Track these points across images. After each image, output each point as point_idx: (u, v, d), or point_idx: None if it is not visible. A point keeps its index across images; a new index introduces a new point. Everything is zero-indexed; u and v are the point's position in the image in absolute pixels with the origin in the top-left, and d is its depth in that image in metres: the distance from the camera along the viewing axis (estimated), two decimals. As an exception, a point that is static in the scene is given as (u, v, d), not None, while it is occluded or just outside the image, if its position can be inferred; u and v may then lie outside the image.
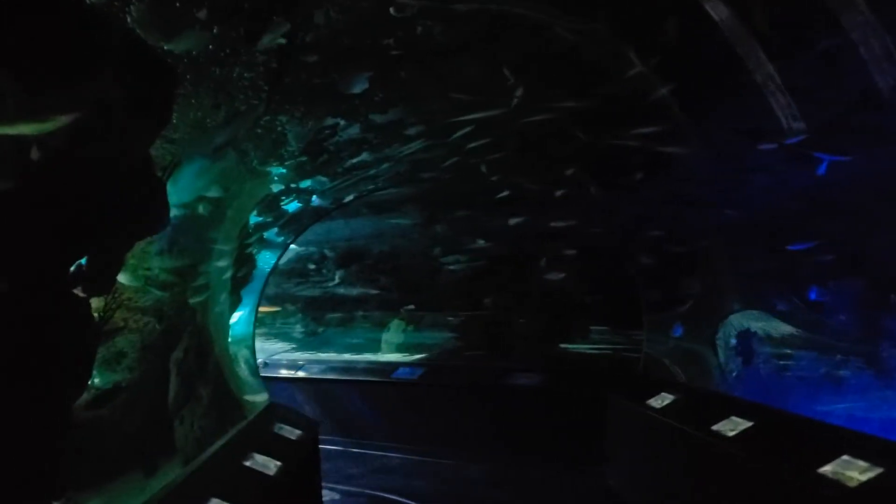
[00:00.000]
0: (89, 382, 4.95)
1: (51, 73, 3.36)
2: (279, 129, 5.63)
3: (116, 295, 4.61)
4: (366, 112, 6.10)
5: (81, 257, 3.88)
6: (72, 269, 3.92)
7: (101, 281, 4.20)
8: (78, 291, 3.99)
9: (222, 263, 6.69)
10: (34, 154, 3.23)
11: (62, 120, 3.28)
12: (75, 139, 3.43)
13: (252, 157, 5.89)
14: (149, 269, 5.24)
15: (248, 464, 5.75)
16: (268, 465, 5.85)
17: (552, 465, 9.57)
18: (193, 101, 4.45)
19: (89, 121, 3.44)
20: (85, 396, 5.05)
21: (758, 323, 8.66)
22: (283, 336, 15.23)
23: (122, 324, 4.99)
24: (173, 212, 5.19)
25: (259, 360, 12.29)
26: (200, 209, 5.64)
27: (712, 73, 5.72)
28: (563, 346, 12.50)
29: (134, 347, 5.30)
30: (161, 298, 5.51)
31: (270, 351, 14.16)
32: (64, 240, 3.67)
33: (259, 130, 5.45)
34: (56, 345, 3.75)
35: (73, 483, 4.43)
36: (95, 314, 4.31)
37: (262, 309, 15.30)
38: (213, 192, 5.63)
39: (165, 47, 3.92)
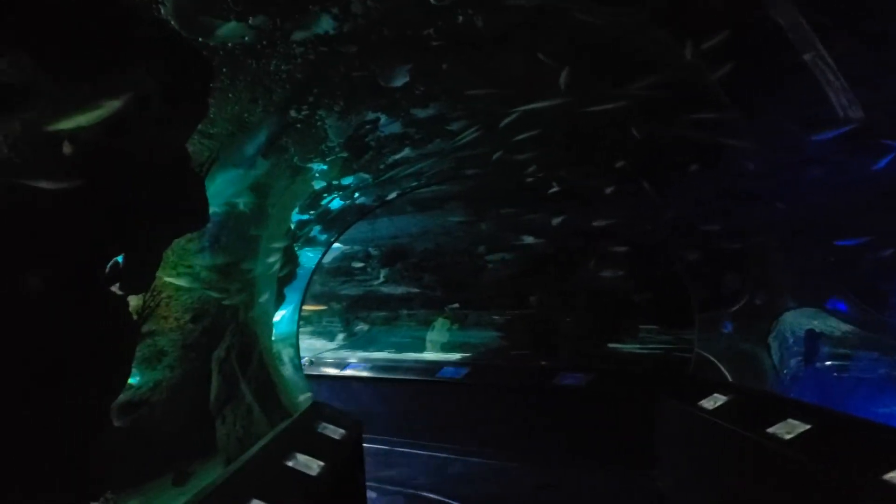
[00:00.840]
0: (129, 382, 4.94)
1: (84, 65, 3.30)
2: (318, 123, 5.52)
3: (155, 293, 4.57)
4: (407, 106, 5.96)
5: (118, 255, 3.83)
6: (108, 266, 3.87)
7: (139, 279, 4.14)
8: (115, 289, 3.94)
9: (265, 261, 6.63)
10: (66, 149, 3.16)
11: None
12: (109, 132, 3.36)
13: (292, 154, 5.80)
14: (190, 266, 5.20)
15: (290, 464, 5.66)
16: (310, 465, 5.75)
17: (600, 468, 9.32)
18: (231, 94, 4.37)
19: (123, 114, 3.37)
20: (125, 396, 5.04)
21: (814, 321, 8.34)
22: (328, 334, 15.26)
23: (161, 322, 4.96)
24: (214, 209, 5.15)
25: (304, 358, 12.36)
26: (241, 206, 5.58)
27: (764, 61, 5.44)
28: (610, 345, 12.23)
29: (175, 346, 5.27)
30: (202, 296, 5.47)
31: (316, 349, 14.20)
32: (99, 236, 3.61)
33: (298, 125, 5.35)
34: (92, 344, 3.70)
35: (112, 483, 4.41)
36: (133, 313, 4.27)
37: (307, 307, 15.47)
38: (246, 197, 5.57)
39: (200, 39, 3.84)
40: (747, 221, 8.60)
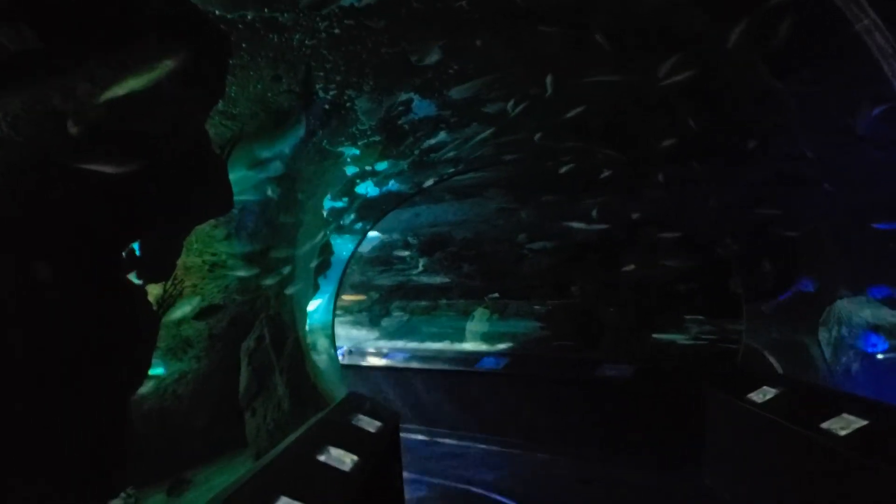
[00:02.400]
0: (153, 372, 4.80)
1: (92, 41, 3.12)
2: (348, 104, 5.28)
3: (177, 282, 4.39)
4: (440, 86, 5.67)
5: (133, 241, 3.66)
6: (124, 255, 3.70)
7: (158, 267, 3.97)
8: (132, 278, 3.78)
9: (297, 249, 6.43)
10: (71, 128, 2.98)
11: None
12: (119, 112, 3.17)
13: (320, 137, 5.57)
14: (215, 254, 5.02)
15: (322, 458, 5.46)
16: (343, 459, 5.55)
17: (644, 462, 8.98)
18: (252, 72, 4.14)
19: (135, 91, 3.18)
20: (149, 387, 4.91)
21: (866, 311, 7.91)
22: (367, 324, 15.21)
23: (186, 311, 4.80)
24: (241, 195, 4.96)
25: (344, 348, 12.29)
26: (269, 192, 5.37)
27: (813, 35, 5.06)
28: (655, 336, 11.85)
29: (201, 336, 5.11)
30: (230, 285, 5.30)
31: (356, 338, 14.12)
32: (113, 222, 3.43)
33: (326, 106, 5.11)
34: (108, 334, 3.53)
35: (134, 477, 4.27)
36: (153, 302, 4.11)
37: (346, 297, 15.42)
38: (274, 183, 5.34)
39: (217, 12, 3.62)
40: (801, 208, 8.20)
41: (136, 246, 3.69)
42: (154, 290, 4.19)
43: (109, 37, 3.14)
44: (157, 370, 4.93)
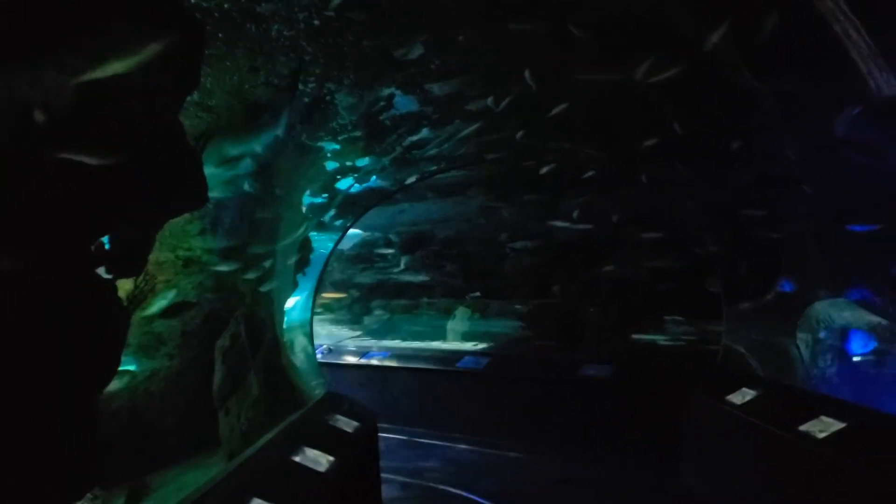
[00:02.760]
0: (124, 369, 4.67)
1: (63, 24, 3.01)
2: (327, 98, 5.16)
3: (148, 277, 4.26)
4: (422, 81, 5.58)
5: (102, 234, 3.54)
6: (93, 249, 3.57)
7: (130, 261, 3.85)
8: (102, 273, 3.65)
9: (274, 245, 6.31)
10: (38, 117, 2.86)
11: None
12: (89, 101, 3.05)
13: (299, 131, 5.45)
14: (189, 249, 4.90)
15: (297, 459, 5.36)
16: (319, 460, 5.46)
17: (624, 462, 9.04)
18: (228, 62, 4.03)
19: (104, 80, 3.06)
20: (119, 384, 4.78)
21: (845, 313, 7.93)
22: (347, 322, 15.14)
23: (158, 308, 4.68)
24: (216, 190, 4.84)
25: (323, 346, 12.19)
26: (246, 187, 5.25)
27: (794, 36, 5.02)
28: (635, 336, 11.87)
29: (174, 333, 4.98)
30: (204, 281, 5.17)
31: (336, 337, 14.03)
32: (82, 214, 3.31)
33: (306, 100, 5.00)
34: (75, 331, 3.41)
35: (102, 478, 4.14)
36: (124, 298, 3.98)
37: (327, 295, 15.31)
38: (251, 178, 5.21)
39: (192, 0, 3.50)
40: (782, 209, 8.18)
41: (105, 240, 3.56)
42: (125, 286, 4.06)
43: (80, 23, 3.03)
44: (130, 365, 4.81)
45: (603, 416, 9.72)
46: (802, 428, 6.14)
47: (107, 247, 3.67)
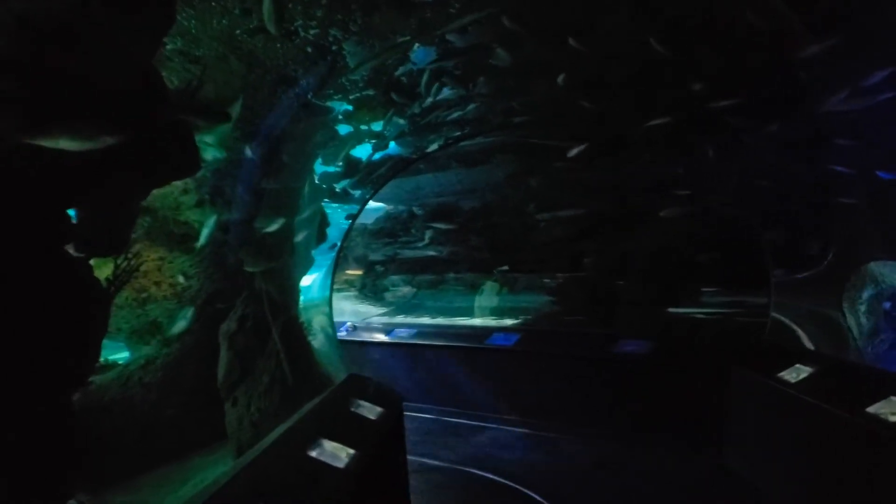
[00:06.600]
0: (115, 358, 4.20)
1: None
2: (333, 48, 4.54)
3: (132, 256, 3.73)
4: (440, 29, 4.93)
5: (67, 207, 3.01)
6: (62, 225, 3.05)
7: (107, 239, 3.33)
8: (70, 250, 3.13)
9: (284, 219, 5.75)
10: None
11: None
12: (34, 43, 2.51)
13: (304, 87, 4.84)
14: (185, 223, 4.37)
15: (313, 454, 4.85)
16: (338, 454, 4.94)
17: (663, 444, 8.44)
18: (214, 3, 3.44)
19: (60, 17, 2.51)
20: (110, 375, 4.30)
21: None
22: (372, 299, 14.80)
23: (153, 289, 4.16)
24: (213, 154, 4.30)
25: (348, 324, 11.79)
26: (248, 153, 4.70)
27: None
28: (672, 310, 11.27)
29: (171, 317, 4.48)
30: (205, 259, 4.66)
31: (361, 314, 13.64)
32: (43, 185, 2.79)
33: (308, 49, 4.38)
34: (45, 317, 2.90)
35: (90, 482, 3.67)
36: (104, 279, 3.47)
37: (350, 272, 14.92)
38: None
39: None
40: (832, 171, 7.67)
41: (72, 213, 3.03)
42: (105, 266, 3.55)
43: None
44: (120, 355, 4.32)
45: (640, 394, 9.18)
46: (870, 410, 5.52)
47: (77, 221, 3.14)
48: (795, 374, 6.96)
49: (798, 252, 8.80)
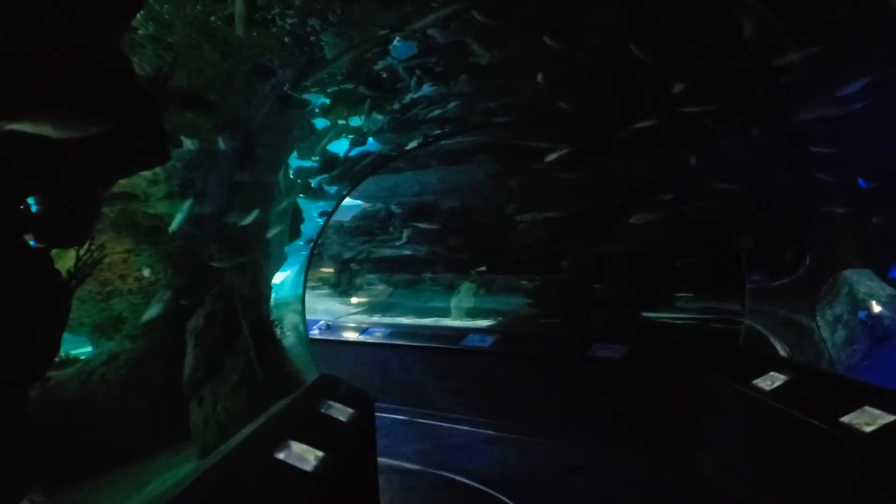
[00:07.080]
0: (77, 353, 4.06)
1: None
2: (311, 39, 4.41)
3: (94, 247, 3.58)
4: (421, 23, 4.82)
5: (26, 196, 2.87)
6: (19, 215, 2.90)
7: (69, 229, 3.18)
8: (29, 241, 2.99)
9: (257, 213, 5.59)
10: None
11: None
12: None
13: (280, 78, 4.70)
14: (154, 214, 4.23)
15: (280, 456, 4.72)
16: (306, 456, 4.82)
17: (637, 448, 8.53)
18: (188, -13, 3.32)
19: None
20: (71, 370, 4.15)
21: (867, 283, 7.62)
22: (343, 297, 14.72)
23: (118, 282, 4.01)
24: (185, 144, 4.16)
25: (321, 322, 11.68)
26: (222, 144, 4.56)
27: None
28: (648, 314, 11.28)
29: (136, 312, 4.34)
30: (173, 252, 4.52)
31: (335, 313, 13.51)
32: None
33: (286, 39, 4.25)
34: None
35: (48, 478, 3.52)
36: (64, 271, 3.32)
37: (325, 269, 14.78)
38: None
39: None
40: (810, 178, 7.78)
41: (32, 202, 2.89)
42: (66, 257, 3.41)
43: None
44: (82, 350, 4.18)
45: (615, 398, 9.24)
46: (844, 420, 5.55)
47: (37, 210, 3.00)
48: (770, 381, 7.11)
49: (775, 258, 8.83)
